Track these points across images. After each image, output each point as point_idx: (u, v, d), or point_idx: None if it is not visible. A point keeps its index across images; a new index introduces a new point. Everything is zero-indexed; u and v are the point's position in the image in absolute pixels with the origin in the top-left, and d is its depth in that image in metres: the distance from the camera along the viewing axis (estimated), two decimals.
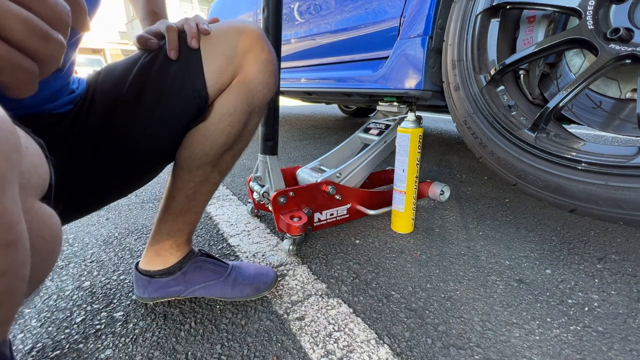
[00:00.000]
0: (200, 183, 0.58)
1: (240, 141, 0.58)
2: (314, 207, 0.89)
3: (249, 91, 0.52)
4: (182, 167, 0.56)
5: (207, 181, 0.59)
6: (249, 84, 0.52)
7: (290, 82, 1.76)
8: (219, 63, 0.50)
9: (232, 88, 0.52)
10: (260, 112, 0.58)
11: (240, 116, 0.53)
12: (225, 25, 0.52)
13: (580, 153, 0.66)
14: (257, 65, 0.52)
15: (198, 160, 0.55)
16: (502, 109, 0.80)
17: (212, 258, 0.67)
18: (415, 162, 0.87)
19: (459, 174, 1.50)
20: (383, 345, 0.55)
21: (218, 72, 0.50)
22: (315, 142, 2.21)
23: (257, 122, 0.59)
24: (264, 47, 0.52)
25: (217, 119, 0.52)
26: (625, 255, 0.81)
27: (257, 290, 0.66)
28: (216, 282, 0.64)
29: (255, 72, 0.52)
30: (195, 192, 0.59)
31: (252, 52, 0.51)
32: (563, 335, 0.57)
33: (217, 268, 0.65)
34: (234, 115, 0.53)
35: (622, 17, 0.64)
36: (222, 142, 0.54)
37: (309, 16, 1.52)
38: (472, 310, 0.63)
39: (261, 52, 0.52)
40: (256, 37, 0.51)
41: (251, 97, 0.53)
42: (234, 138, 0.55)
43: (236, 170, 1.58)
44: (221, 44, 0.50)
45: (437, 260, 0.80)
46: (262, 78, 0.53)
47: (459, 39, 0.86)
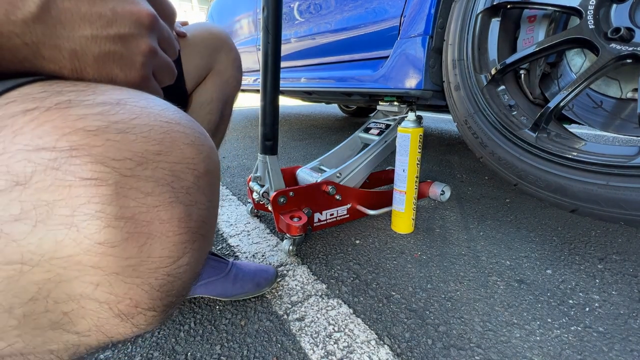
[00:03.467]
0: None
1: (219, 130, 0.65)
2: (314, 207, 0.89)
3: (222, 82, 0.61)
4: None
5: None
6: (223, 76, 0.61)
7: (290, 82, 1.76)
8: (196, 61, 0.57)
9: (208, 80, 0.60)
10: (231, 104, 0.66)
11: (217, 104, 0.61)
12: (197, 28, 0.59)
13: (581, 153, 0.66)
14: (228, 61, 0.61)
15: None
16: (502, 109, 0.80)
17: (213, 255, 0.67)
18: (416, 162, 0.87)
19: (460, 174, 1.49)
20: (383, 345, 0.55)
21: (195, 68, 0.58)
22: (315, 142, 2.21)
23: (230, 113, 0.66)
24: (232, 46, 0.62)
25: (198, 107, 0.60)
26: (627, 256, 0.80)
27: (258, 286, 0.66)
28: (217, 279, 0.64)
29: (226, 67, 0.61)
30: None
31: (222, 50, 0.60)
32: (564, 336, 0.56)
33: (218, 264, 0.65)
34: (211, 104, 0.60)
35: (623, 16, 0.64)
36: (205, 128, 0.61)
37: (308, 15, 1.52)
38: (472, 311, 0.62)
39: (230, 51, 0.61)
40: (224, 37, 0.61)
41: (224, 88, 0.62)
42: (214, 126, 0.62)
43: (236, 170, 1.58)
44: (196, 44, 0.58)
45: (437, 260, 0.79)
46: (232, 72, 0.62)
47: (459, 38, 0.86)
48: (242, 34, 2.28)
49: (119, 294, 0.20)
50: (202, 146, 0.24)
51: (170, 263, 0.22)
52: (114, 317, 0.21)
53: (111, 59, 0.23)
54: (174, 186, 0.22)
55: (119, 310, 0.21)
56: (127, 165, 0.20)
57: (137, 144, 0.20)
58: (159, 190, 0.21)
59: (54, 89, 0.20)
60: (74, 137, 0.19)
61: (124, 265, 0.20)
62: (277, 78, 0.81)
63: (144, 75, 0.26)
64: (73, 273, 0.19)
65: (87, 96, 0.21)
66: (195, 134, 0.24)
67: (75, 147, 0.18)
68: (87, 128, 0.19)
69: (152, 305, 0.22)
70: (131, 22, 0.24)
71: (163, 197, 0.21)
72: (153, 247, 0.21)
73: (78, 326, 0.21)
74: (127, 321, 0.21)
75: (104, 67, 0.23)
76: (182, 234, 0.22)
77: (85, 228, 0.18)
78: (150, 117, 0.22)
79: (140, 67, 0.25)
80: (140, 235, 0.20)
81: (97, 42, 0.22)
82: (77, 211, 0.18)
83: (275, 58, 0.79)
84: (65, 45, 0.22)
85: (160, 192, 0.21)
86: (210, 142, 0.26)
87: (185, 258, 0.23)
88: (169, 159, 0.22)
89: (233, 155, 1.86)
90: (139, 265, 0.20)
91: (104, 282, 0.19)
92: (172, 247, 0.22)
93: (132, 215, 0.20)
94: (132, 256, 0.20)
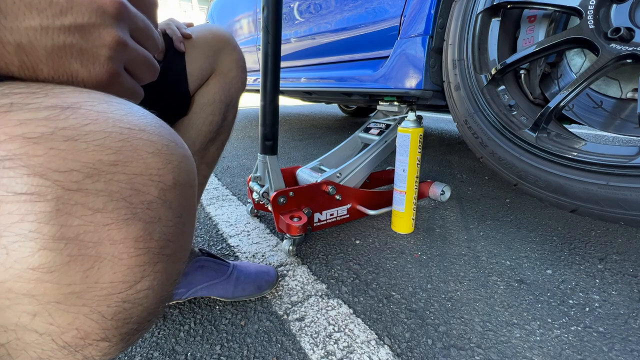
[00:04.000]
0: None
1: (222, 132, 0.63)
2: (314, 207, 0.89)
3: (226, 83, 0.60)
4: None
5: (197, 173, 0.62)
6: (226, 76, 0.60)
7: (290, 82, 1.76)
8: (200, 62, 0.57)
9: (211, 81, 0.59)
10: (235, 106, 0.65)
11: (220, 106, 0.60)
12: (201, 29, 0.59)
13: (581, 153, 0.66)
14: (231, 62, 0.60)
15: None
16: (502, 109, 0.80)
17: (214, 257, 0.67)
18: (416, 162, 0.87)
19: (460, 174, 1.49)
20: (383, 346, 0.55)
21: (199, 69, 0.57)
22: (315, 142, 2.21)
23: (234, 115, 0.65)
24: (235, 47, 0.61)
25: (199, 109, 0.58)
26: (627, 256, 0.80)
27: (260, 289, 0.66)
28: (219, 282, 0.64)
29: (229, 67, 0.60)
30: None
31: (225, 51, 0.59)
32: (564, 336, 0.56)
33: (219, 267, 0.65)
34: (214, 104, 0.59)
35: (623, 16, 0.64)
36: (206, 130, 0.59)
37: (309, 15, 1.52)
38: (472, 311, 0.62)
39: (233, 51, 0.60)
40: (228, 38, 0.60)
41: (228, 89, 0.61)
42: (216, 127, 0.61)
43: (236, 170, 1.58)
44: (200, 45, 0.57)
45: (437, 260, 0.79)
46: (236, 72, 0.61)
47: (459, 38, 0.86)
48: (242, 33, 2.28)
49: (61, 324, 0.18)
50: (171, 155, 0.22)
51: (125, 288, 0.20)
52: (59, 349, 0.19)
53: (68, 53, 0.21)
54: (132, 201, 0.20)
55: (64, 342, 0.18)
56: (72, 177, 0.18)
57: (87, 153, 0.18)
58: (111, 206, 0.19)
59: (2, 90, 0.19)
60: (9, 146, 0.16)
61: (65, 292, 0.17)
62: (277, 78, 0.81)
63: (111, 70, 0.23)
64: (3, 302, 0.17)
65: (35, 99, 0.19)
66: (162, 142, 0.22)
67: (9, 157, 0.16)
68: (27, 135, 0.17)
69: (105, 335, 0.20)
70: (91, 10, 0.21)
71: (116, 214, 0.19)
72: (102, 271, 0.18)
73: (19, 359, 0.19)
74: (76, 353, 0.19)
75: (61, 62, 0.21)
76: (139, 255, 0.20)
77: (15, 250, 0.16)
78: (107, 123, 0.20)
79: (105, 61, 0.22)
80: (85, 257, 0.18)
81: (49, 33, 0.20)
82: (7, 231, 0.16)
83: (275, 58, 0.79)
84: (9, 38, 0.19)
85: (112, 208, 0.19)
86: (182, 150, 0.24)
87: (145, 282, 0.20)
88: (127, 170, 0.20)
89: (233, 155, 1.86)
90: (85, 292, 0.18)
91: (42, 312, 0.17)
92: (127, 270, 0.19)
93: (75, 236, 0.17)
94: (75, 282, 0.18)
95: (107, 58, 0.22)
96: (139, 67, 0.26)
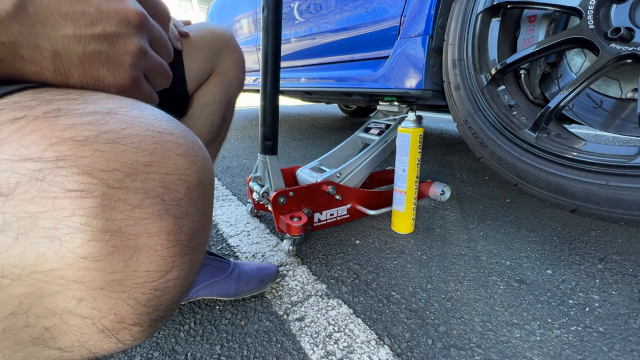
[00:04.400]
0: None
1: (221, 133, 0.63)
2: (314, 207, 0.89)
3: (226, 83, 0.60)
4: None
5: None
6: (226, 76, 0.60)
7: (290, 82, 1.76)
8: (199, 62, 0.56)
9: (211, 81, 0.59)
10: (233, 106, 0.65)
11: (220, 106, 0.59)
12: (200, 28, 0.58)
13: (581, 153, 0.66)
14: (231, 62, 0.59)
15: None
16: (502, 109, 0.80)
17: (214, 255, 0.67)
18: (416, 162, 0.87)
19: (460, 174, 1.49)
20: (383, 346, 0.55)
21: (198, 69, 0.56)
22: (315, 142, 2.21)
23: (231, 115, 0.65)
24: (235, 47, 0.60)
25: (200, 109, 0.58)
26: (627, 256, 0.80)
27: (262, 282, 0.66)
28: (221, 279, 0.63)
29: (229, 68, 0.59)
30: None
31: (225, 51, 0.58)
32: (564, 336, 0.56)
33: (221, 264, 0.65)
34: (214, 105, 0.59)
35: (623, 16, 0.64)
36: (207, 130, 0.59)
37: (308, 15, 1.52)
38: (472, 311, 0.62)
39: (233, 51, 0.59)
40: (228, 37, 0.59)
41: (228, 89, 0.60)
42: (216, 127, 0.61)
43: (236, 170, 1.58)
44: (199, 45, 0.56)
45: (437, 260, 0.79)
46: (236, 73, 0.61)
47: (459, 38, 0.86)
48: (242, 33, 2.28)
49: (103, 309, 0.20)
50: (196, 157, 0.24)
51: (158, 277, 0.21)
52: (97, 332, 0.20)
53: (97, 59, 0.23)
54: (164, 198, 0.21)
55: (103, 325, 0.20)
56: (115, 176, 0.19)
57: (127, 154, 0.20)
58: (147, 202, 0.20)
59: (44, 97, 0.20)
60: (61, 147, 0.18)
61: (108, 279, 0.19)
62: (277, 78, 0.81)
63: (134, 76, 0.25)
64: (55, 287, 0.18)
65: (77, 105, 0.20)
66: (188, 145, 0.24)
67: (61, 158, 0.18)
68: (76, 138, 0.19)
69: (138, 320, 0.21)
70: (117, 20, 0.23)
71: (152, 210, 0.21)
72: (140, 261, 0.20)
73: (60, 342, 0.20)
74: (112, 337, 0.21)
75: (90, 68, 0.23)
76: (171, 247, 0.21)
77: (68, 241, 0.18)
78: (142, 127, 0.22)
79: (128, 67, 0.24)
80: (126, 249, 0.20)
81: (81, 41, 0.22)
82: (61, 224, 0.18)
83: (275, 58, 0.79)
84: (46, 45, 0.21)
85: (149, 205, 0.20)
86: (204, 152, 0.26)
87: (175, 272, 0.22)
88: (160, 170, 0.21)
89: (233, 155, 1.86)
90: (125, 279, 0.20)
91: (88, 297, 0.19)
92: (160, 261, 0.21)
93: (118, 229, 0.19)
94: (118, 270, 0.19)
95: (130, 65, 0.24)
96: (156, 74, 0.28)
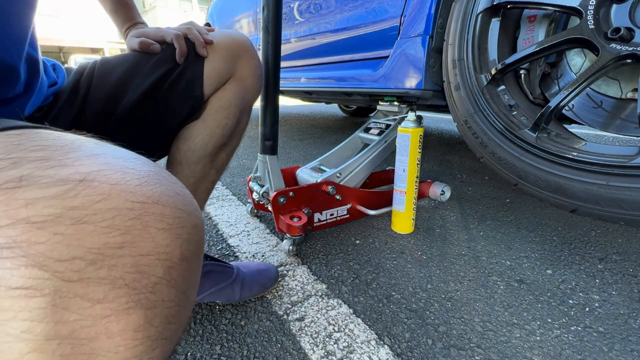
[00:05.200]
0: (200, 179, 0.60)
1: (234, 138, 0.63)
2: (314, 207, 0.89)
3: (242, 89, 0.60)
4: (181, 162, 0.58)
5: (205, 178, 0.61)
6: (243, 82, 0.60)
7: (290, 82, 1.76)
8: (219, 68, 0.57)
9: (228, 86, 0.59)
10: (249, 112, 0.65)
11: (234, 111, 0.60)
12: (221, 34, 0.59)
13: (581, 153, 0.66)
14: (249, 69, 0.60)
15: (198, 152, 0.58)
16: (502, 109, 0.80)
17: (217, 261, 0.66)
18: (416, 162, 0.87)
19: (460, 174, 1.49)
20: (383, 345, 0.55)
21: (217, 75, 0.57)
22: (315, 142, 2.21)
23: (246, 122, 0.65)
24: (254, 54, 0.61)
25: (214, 111, 0.58)
26: (627, 256, 0.80)
27: (264, 287, 0.66)
28: (225, 285, 0.63)
29: (247, 74, 0.60)
30: (195, 189, 0.60)
31: (244, 57, 0.59)
32: (564, 336, 0.56)
33: (224, 270, 0.64)
34: (229, 109, 0.59)
35: (623, 16, 0.64)
36: (219, 134, 0.59)
37: (309, 15, 1.52)
38: (472, 311, 0.62)
39: (251, 59, 0.60)
40: (247, 45, 0.60)
41: (244, 94, 0.61)
42: (229, 132, 0.60)
43: (236, 170, 1.58)
44: (220, 50, 0.57)
45: (437, 260, 0.79)
46: (252, 80, 0.61)
47: (459, 38, 0.86)
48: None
49: None
50: (182, 228, 0.21)
51: None
52: None
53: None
54: (135, 286, 0.18)
55: None
56: (74, 266, 0.16)
57: (94, 236, 0.17)
58: (112, 295, 0.17)
59: (16, 154, 0.17)
60: (10, 232, 0.15)
61: None
62: (277, 78, 0.81)
63: None
64: None
65: (48, 169, 0.17)
66: (174, 214, 0.21)
67: (9, 246, 0.15)
68: (32, 219, 0.16)
69: None
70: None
71: (117, 304, 0.17)
72: None
73: None
74: None
75: None
76: (136, 346, 0.18)
77: (3, 352, 0.15)
78: (120, 199, 0.18)
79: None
80: (77, 357, 0.16)
81: None
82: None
83: (275, 58, 0.79)
84: None
85: (113, 298, 0.17)
86: (194, 219, 0.22)
87: None
88: (134, 251, 0.18)
89: None
90: None
91: None
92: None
93: (69, 333, 0.16)
94: None
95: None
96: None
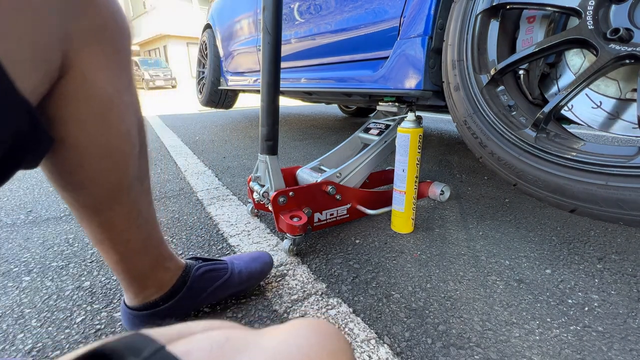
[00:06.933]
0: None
1: (142, 151, 0.50)
2: (314, 207, 0.89)
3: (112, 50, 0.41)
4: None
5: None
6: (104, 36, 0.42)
7: (290, 82, 1.76)
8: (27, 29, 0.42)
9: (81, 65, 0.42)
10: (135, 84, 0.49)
11: (125, 98, 0.43)
12: None
13: (581, 153, 0.66)
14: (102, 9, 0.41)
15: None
16: (502, 109, 0.80)
17: (209, 260, 0.65)
18: (416, 162, 0.87)
19: (459, 174, 1.50)
20: (383, 345, 0.55)
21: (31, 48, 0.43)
22: (315, 142, 2.21)
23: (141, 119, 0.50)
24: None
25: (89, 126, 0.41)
26: (625, 255, 0.81)
27: (262, 273, 0.68)
28: (223, 281, 0.62)
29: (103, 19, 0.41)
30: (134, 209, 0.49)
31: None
32: (563, 335, 0.57)
33: (218, 267, 0.64)
34: (129, 129, 0.44)
35: (622, 17, 0.64)
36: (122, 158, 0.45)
37: (309, 16, 1.52)
38: (472, 310, 0.63)
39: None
40: None
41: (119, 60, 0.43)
42: (138, 149, 0.47)
43: (236, 170, 1.58)
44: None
45: (437, 260, 0.80)
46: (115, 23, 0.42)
47: (459, 39, 0.86)
48: (243, 34, 2.28)
49: None
50: None
51: None
52: None
53: None
54: None
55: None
56: None
57: None
58: None
59: None
60: None
61: None
62: (278, 78, 0.82)
63: None
64: None
65: None
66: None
67: None
68: None
69: None
70: None
71: None
72: None
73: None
74: None
75: None
76: None
77: None
78: None
79: None
80: None
81: None
82: None
83: (275, 58, 0.80)
84: None
85: None
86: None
87: None
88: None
89: (233, 155, 1.86)
90: None
91: None
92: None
93: None
94: None
95: None
96: None
